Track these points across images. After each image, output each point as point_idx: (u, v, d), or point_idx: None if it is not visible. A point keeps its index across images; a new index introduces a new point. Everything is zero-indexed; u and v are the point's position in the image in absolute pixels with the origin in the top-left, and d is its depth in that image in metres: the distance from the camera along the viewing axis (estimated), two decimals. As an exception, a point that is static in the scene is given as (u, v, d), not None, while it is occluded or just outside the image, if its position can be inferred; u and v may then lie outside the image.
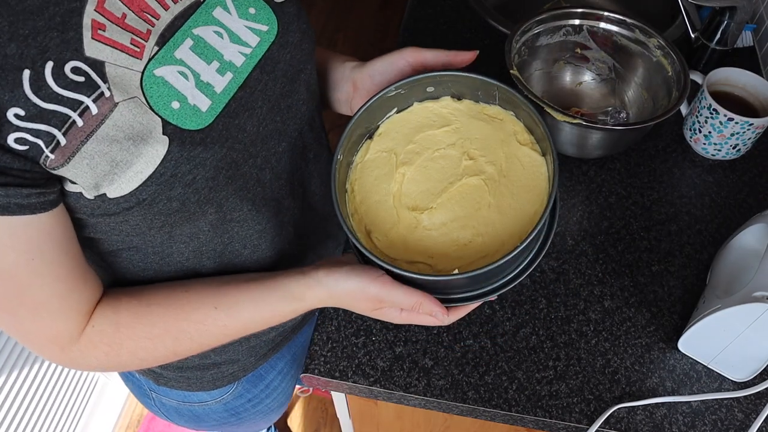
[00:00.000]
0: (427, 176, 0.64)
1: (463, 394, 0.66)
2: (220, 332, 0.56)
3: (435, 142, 0.66)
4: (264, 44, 0.55)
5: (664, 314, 0.73)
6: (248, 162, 0.54)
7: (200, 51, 0.50)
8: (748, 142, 0.83)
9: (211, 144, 0.49)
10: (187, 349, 0.56)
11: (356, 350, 0.69)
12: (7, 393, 1.11)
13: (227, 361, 0.70)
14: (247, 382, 0.77)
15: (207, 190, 0.50)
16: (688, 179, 0.86)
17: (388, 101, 0.64)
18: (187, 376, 0.70)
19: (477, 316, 0.71)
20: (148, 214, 0.49)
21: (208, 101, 0.50)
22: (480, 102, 0.67)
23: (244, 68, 0.53)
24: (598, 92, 0.94)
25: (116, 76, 0.45)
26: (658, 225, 0.81)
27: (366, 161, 0.65)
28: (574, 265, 0.76)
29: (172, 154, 0.46)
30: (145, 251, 0.56)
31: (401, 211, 0.62)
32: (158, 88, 0.47)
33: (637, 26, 0.86)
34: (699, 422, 0.65)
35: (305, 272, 0.55)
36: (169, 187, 0.47)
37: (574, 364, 0.69)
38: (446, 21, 1.07)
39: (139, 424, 1.51)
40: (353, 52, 2.41)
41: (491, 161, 0.64)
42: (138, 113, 0.45)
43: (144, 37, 0.47)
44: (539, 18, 0.87)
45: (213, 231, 0.56)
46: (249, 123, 0.53)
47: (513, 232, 0.60)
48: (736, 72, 0.86)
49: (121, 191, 0.46)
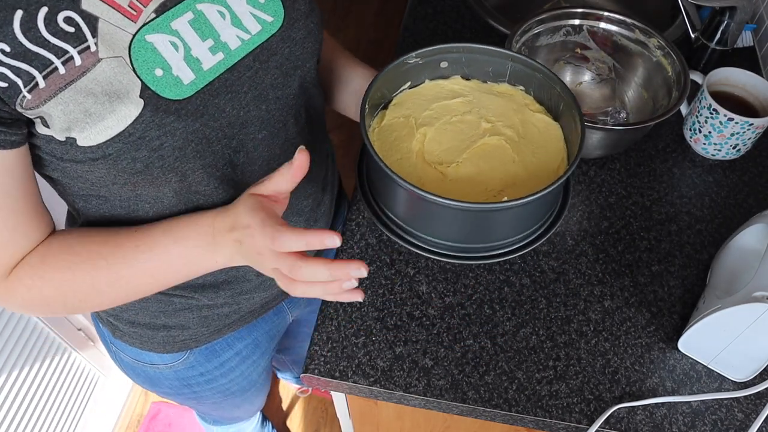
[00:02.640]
0: (448, 137, 0.64)
1: (463, 394, 0.66)
2: (135, 260, 0.55)
3: (451, 110, 0.66)
4: (264, 34, 0.55)
5: (664, 314, 0.73)
6: (222, 141, 0.55)
7: (198, 26, 0.51)
8: (748, 142, 0.83)
9: (185, 116, 0.50)
10: (106, 282, 0.55)
11: (356, 350, 0.69)
12: (7, 393, 1.11)
13: (177, 326, 0.71)
14: (200, 354, 0.77)
15: (173, 159, 0.51)
16: (688, 179, 0.86)
17: (405, 72, 0.65)
18: (140, 333, 0.71)
19: (477, 316, 0.72)
20: (113, 169, 0.50)
21: (192, 75, 0.51)
22: (488, 81, 0.68)
23: (237, 53, 0.54)
24: (598, 92, 0.94)
25: (107, 33, 0.46)
26: (658, 225, 0.81)
27: (383, 126, 0.65)
28: (574, 265, 0.76)
29: (144, 117, 0.48)
30: (112, 202, 0.57)
31: (425, 167, 0.61)
32: (145, 53, 0.48)
33: (637, 26, 0.86)
34: (699, 422, 0.65)
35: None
36: (135, 148, 0.48)
37: (574, 364, 0.69)
38: (446, 21, 1.07)
39: (139, 424, 1.51)
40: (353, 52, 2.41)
41: (508, 126, 0.65)
42: (119, 72, 0.46)
43: (144, 2, 0.48)
44: (539, 18, 0.87)
45: (177, 198, 0.57)
46: (229, 105, 0.54)
47: (539, 185, 0.58)
48: (736, 72, 0.86)
49: (89, 141, 0.47)
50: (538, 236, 0.62)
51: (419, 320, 0.71)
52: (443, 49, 0.65)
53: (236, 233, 0.52)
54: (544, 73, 0.64)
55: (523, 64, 0.65)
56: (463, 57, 0.67)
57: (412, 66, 0.65)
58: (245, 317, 0.76)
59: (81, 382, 1.34)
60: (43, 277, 0.54)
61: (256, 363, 0.87)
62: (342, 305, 0.72)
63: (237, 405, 0.96)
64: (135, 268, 0.55)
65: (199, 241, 0.55)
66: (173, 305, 0.68)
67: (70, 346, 1.28)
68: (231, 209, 0.54)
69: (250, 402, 0.99)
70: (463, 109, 0.66)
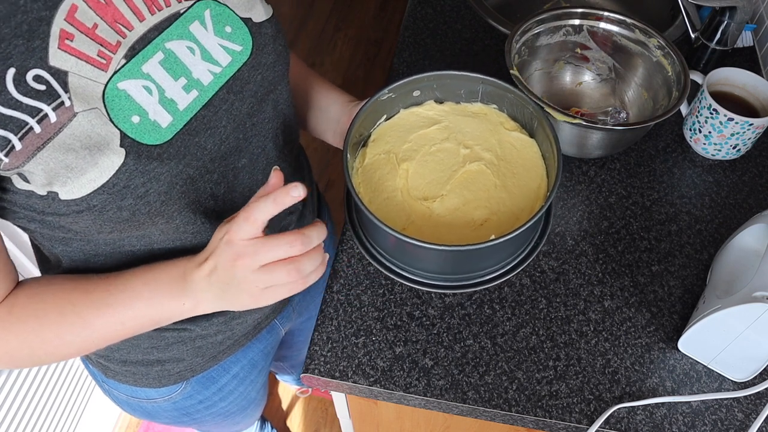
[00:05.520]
0: (430, 168, 0.65)
1: (463, 394, 0.66)
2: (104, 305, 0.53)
3: (429, 139, 0.68)
4: (235, 64, 0.54)
5: (664, 314, 0.73)
6: (204, 177, 0.54)
7: (169, 66, 0.50)
8: (748, 142, 0.83)
9: (168, 160, 0.49)
10: (73, 330, 0.53)
11: (356, 350, 0.69)
12: (7, 393, 1.11)
13: (171, 359, 0.70)
14: (198, 383, 0.76)
15: (159, 203, 0.50)
16: (688, 179, 0.86)
17: (379, 106, 0.66)
18: (133, 371, 0.70)
19: (477, 316, 0.72)
20: (98, 219, 0.49)
21: (170, 117, 0.50)
22: (461, 102, 0.69)
23: (211, 87, 0.53)
24: (598, 92, 0.94)
25: (79, 87, 0.45)
26: (658, 225, 0.81)
27: (366, 165, 0.66)
28: (574, 265, 0.76)
29: (127, 166, 0.47)
30: (95, 243, 0.56)
31: (412, 203, 0.63)
32: (120, 102, 0.47)
33: (637, 26, 0.86)
34: (699, 422, 0.65)
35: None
36: (121, 197, 0.47)
37: (574, 364, 0.69)
38: (446, 21, 1.07)
39: (139, 424, 1.51)
40: (353, 52, 2.41)
41: (486, 148, 0.67)
42: (97, 124, 0.45)
43: (112, 50, 0.47)
44: (539, 18, 0.87)
45: (163, 236, 0.56)
46: (210, 141, 0.53)
47: (523, 206, 0.63)
48: (736, 72, 0.86)
49: (72, 195, 0.46)
50: (524, 257, 0.64)
51: (419, 320, 0.71)
52: (415, 80, 0.67)
53: (209, 261, 0.51)
54: (515, 93, 0.66)
55: (493, 85, 0.67)
56: (434, 84, 0.68)
57: (386, 100, 0.66)
58: (239, 341, 0.75)
59: (81, 382, 1.34)
60: (9, 329, 0.52)
61: (254, 381, 0.86)
62: (342, 305, 0.72)
63: (237, 422, 0.96)
64: (104, 315, 0.53)
65: (170, 284, 0.53)
66: (165, 340, 0.67)
67: (70, 346, 1.28)
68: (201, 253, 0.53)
69: (250, 416, 0.98)
70: (441, 137, 0.68)
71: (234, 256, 0.49)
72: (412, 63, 1.00)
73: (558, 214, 0.81)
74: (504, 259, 0.61)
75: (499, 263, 0.62)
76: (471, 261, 0.60)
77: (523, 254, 0.63)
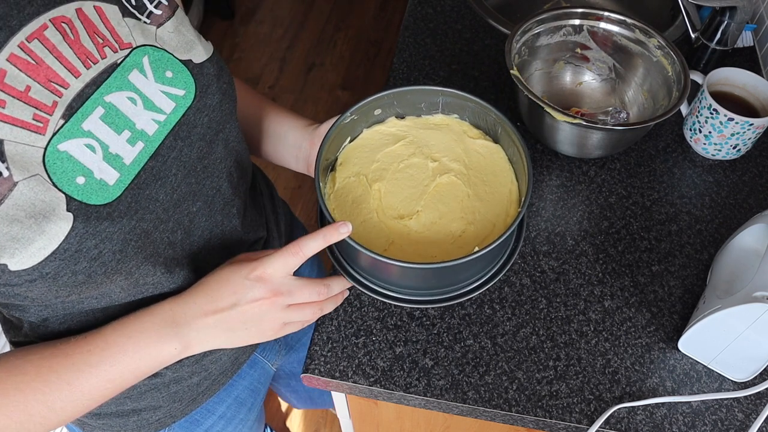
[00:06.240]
0: (401, 186, 0.66)
1: (463, 394, 0.66)
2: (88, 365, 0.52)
3: (396, 156, 0.68)
4: (179, 110, 0.53)
5: (664, 314, 0.73)
6: (159, 228, 0.52)
7: (111, 120, 0.48)
8: (748, 142, 0.83)
9: (119, 218, 0.47)
10: (60, 396, 0.51)
11: (356, 350, 0.69)
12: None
13: (147, 408, 0.67)
14: (180, 428, 0.73)
15: (114, 262, 0.48)
16: (688, 179, 0.86)
17: (342, 130, 0.67)
18: (110, 424, 0.67)
19: (477, 316, 0.72)
20: (53, 286, 0.47)
21: (116, 174, 0.48)
22: (423, 115, 0.70)
23: (157, 137, 0.51)
24: (598, 92, 0.94)
25: (16, 154, 0.42)
26: (658, 225, 0.81)
27: (337, 190, 0.66)
28: (574, 265, 0.76)
29: (77, 230, 0.45)
30: (53, 306, 0.54)
31: (389, 223, 0.63)
32: (62, 164, 0.45)
33: (637, 26, 0.86)
34: (699, 422, 0.65)
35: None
36: (74, 262, 0.46)
37: (574, 364, 0.69)
38: (446, 21, 1.07)
39: None
40: (353, 52, 2.41)
41: (454, 159, 0.67)
42: (40, 191, 0.43)
43: (48, 111, 0.45)
44: (539, 18, 0.87)
45: (125, 293, 0.54)
46: (161, 192, 0.52)
47: (498, 212, 0.64)
48: (736, 72, 0.86)
49: (22, 265, 0.44)
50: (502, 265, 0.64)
51: (419, 320, 0.71)
52: (375, 100, 0.67)
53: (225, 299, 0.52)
54: (475, 101, 0.66)
55: (453, 96, 0.67)
56: (394, 101, 0.68)
57: (348, 123, 0.66)
58: (218, 380, 0.72)
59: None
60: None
61: (245, 420, 0.83)
62: (342, 305, 0.72)
63: None
64: (89, 375, 0.52)
65: (157, 331, 0.53)
66: (137, 389, 0.64)
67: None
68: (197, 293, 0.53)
69: None
70: (408, 152, 0.68)
71: (270, 292, 0.52)
72: (412, 63, 1.00)
73: (558, 214, 0.81)
74: (486, 267, 0.62)
75: (481, 272, 0.62)
76: (452, 273, 0.60)
77: (501, 261, 0.64)
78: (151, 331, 0.53)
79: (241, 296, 0.52)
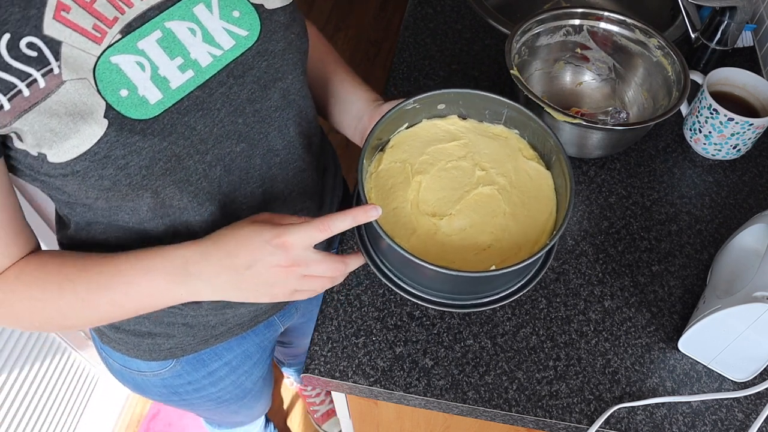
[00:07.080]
0: (442, 185, 0.65)
1: (463, 394, 0.66)
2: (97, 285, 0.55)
3: (447, 155, 0.67)
4: (238, 48, 0.54)
5: (664, 314, 0.73)
6: (194, 157, 0.54)
7: (166, 45, 0.51)
8: (748, 142, 0.83)
9: (151, 135, 0.50)
10: (70, 305, 0.55)
11: (356, 350, 0.69)
12: (7, 393, 1.11)
13: (162, 334, 0.70)
14: (187, 363, 0.76)
15: (140, 177, 0.51)
16: (688, 179, 0.86)
17: (403, 114, 0.66)
18: (125, 340, 0.71)
19: (477, 316, 0.72)
20: (83, 185, 0.50)
21: (160, 95, 0.50)
22: (485, 122, 0.69)
23: (209, 69, 0.53)
24: (598, 92, 0.94)
25: (70, 57, 0.46)
26: (658, 225, 0.81)
27: (380, 171, 0.65)
28: (574, 265, 0.76)
29: (109, 137, 0.48)
30: (94, 211, 0.57)
31: (420, 218, 0.62)
32: (110, 74, 0.48)
33: (637, 26, 0.86)
34: (699, 422, 0.65)
35: None
36: (102, 166, 0.49)
37: (574, 364, 0.69)
38: (446, 21, 1.07)
39: (138, 424, 1.51)
40: (353, 52, 2.41)
41: (502, 173, 0.66)
42: (84, 94, 0.47)
43: (108, 24, 0.48)
44: (539, 18, 0.87)
45: (152, 212, 0.57)
46: (201, 122, 0.53)
47: (528, 237, 0.62)
48: (736, 72, 0.86)
49: (58, 158, 0.48)
50: (525, 283, 0.63)
51: (419, 320, 0.71)
52: (440, 94, 0.66)
53: (242, 258, 0.52)
54: (538, 123, 0.65)
55: (518, 111, 0.66)
56: (460, 100, 0.68)
57: (410, 109, 0.66)
58: (233, 329, 0.75)
59: (81, 382, 1.34)
60: (14, 290, 0.54)
61: (249, 372, 0.86)
62: (342, 305, 0.72)
63: (234, 411, 0.96)
64: (96, 294, 0.55)
65: (167, 274, 0.54)
66: (157, 314, 0.67)
67: (70, 346, 1.28)
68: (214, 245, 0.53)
69: (249, 407, 0.98)
70: (459, 154, 0.67)
71: (289, 261, 0.52)
72: (412, 63, 1.00)
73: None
74: (500, 287, 0.62)
75: (495, 290, 0.62)
76: (474, 284, 0.60)
77: (519, 284, 0.63)
78: (161, 272, 0.54)
79: (259, 259, 0.52)
